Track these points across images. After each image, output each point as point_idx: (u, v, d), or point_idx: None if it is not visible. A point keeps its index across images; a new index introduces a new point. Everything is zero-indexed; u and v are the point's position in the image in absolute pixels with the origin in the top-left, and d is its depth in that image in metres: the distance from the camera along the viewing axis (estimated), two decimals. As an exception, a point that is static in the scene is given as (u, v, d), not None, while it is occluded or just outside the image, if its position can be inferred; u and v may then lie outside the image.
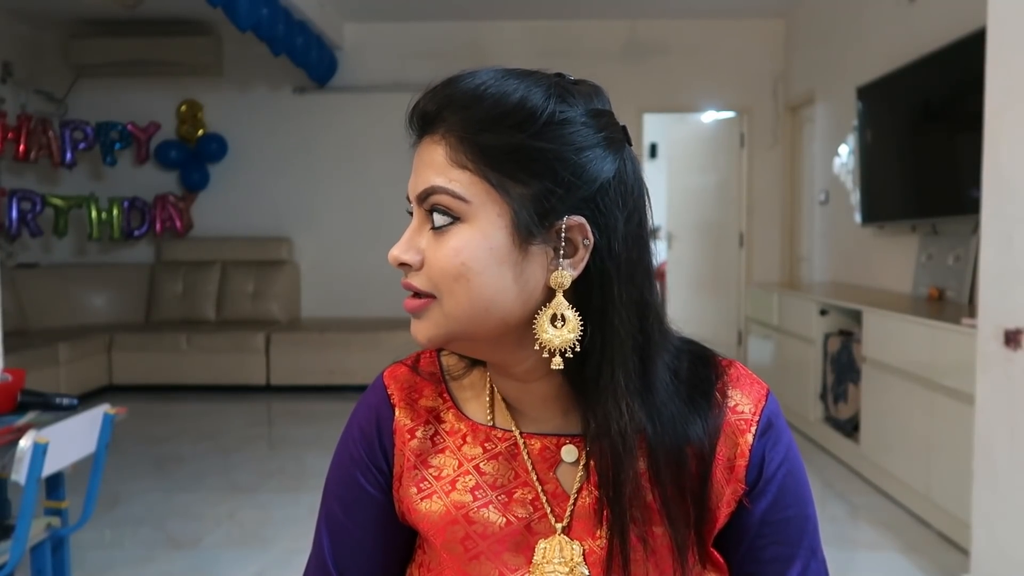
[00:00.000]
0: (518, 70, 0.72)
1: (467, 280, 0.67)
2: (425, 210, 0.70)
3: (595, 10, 6.21)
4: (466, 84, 0.70)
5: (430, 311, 0.69)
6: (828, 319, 4.31)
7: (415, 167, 0.72)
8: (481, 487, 0.74)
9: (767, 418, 0.75)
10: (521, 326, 0.69)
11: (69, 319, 6.24)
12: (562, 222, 0.67)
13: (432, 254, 0.69)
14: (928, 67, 3.95)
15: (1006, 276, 2.29)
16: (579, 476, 0.74)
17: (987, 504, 2.42)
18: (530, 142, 0.67)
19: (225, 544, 3.16)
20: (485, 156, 0.67)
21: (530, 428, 0.75)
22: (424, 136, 0.71)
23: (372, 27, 6.49)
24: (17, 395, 2.19)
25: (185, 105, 6.63)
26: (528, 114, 0.67)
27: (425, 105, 0.71)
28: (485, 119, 0.68)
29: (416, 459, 0.76)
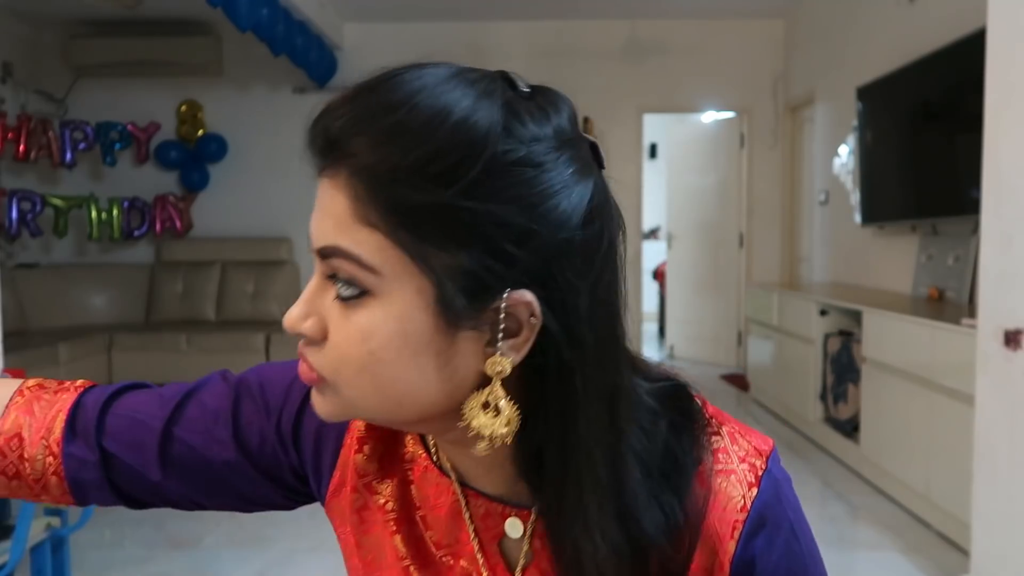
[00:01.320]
0: (459, 76, 0.53)
1: (374, 373, 0.53)
2: (327, 271, 0.54)
3: (595, 10, 6.21)
4: (384, 101, 0.52)
5: (325, 391, 0.56)
6: (828, 319, 4.31)
7: (316, 206, 0.54)
8: (426, 541, 0.64)
9: (758, 513, 0.59)
10: (449, 411, 0.55)
11: (69, 319, 6.24)
12: (502, 299, 0.51)
13: (335, 331, 0.53)
14: (928, 67, 3.95)
15: (1006, 276, 2.29)
16: (524, 553, 0.62)
17: (987, 504, 2.42)
18: (461, 202, 0.49)
19: (225, 544, 3.16)
20: (400, 215, 0.50)
21: (474, 484, 0.63)
22: (326, 168, 0.53)
23: (372, 27, 6.49)
24: (17, 395, 2.19)
25: (185, 105, 6.63)
26: (462, 159, 0.49)
27: (329, 124, 0.53)
28: (403, 164, 0.50)
29: (359, 479, 0.66)
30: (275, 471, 0.68)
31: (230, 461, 0.67)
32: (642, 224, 6.76)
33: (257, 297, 6.44)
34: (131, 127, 6.43)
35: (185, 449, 0.67)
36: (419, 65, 0.54)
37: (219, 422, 0.67)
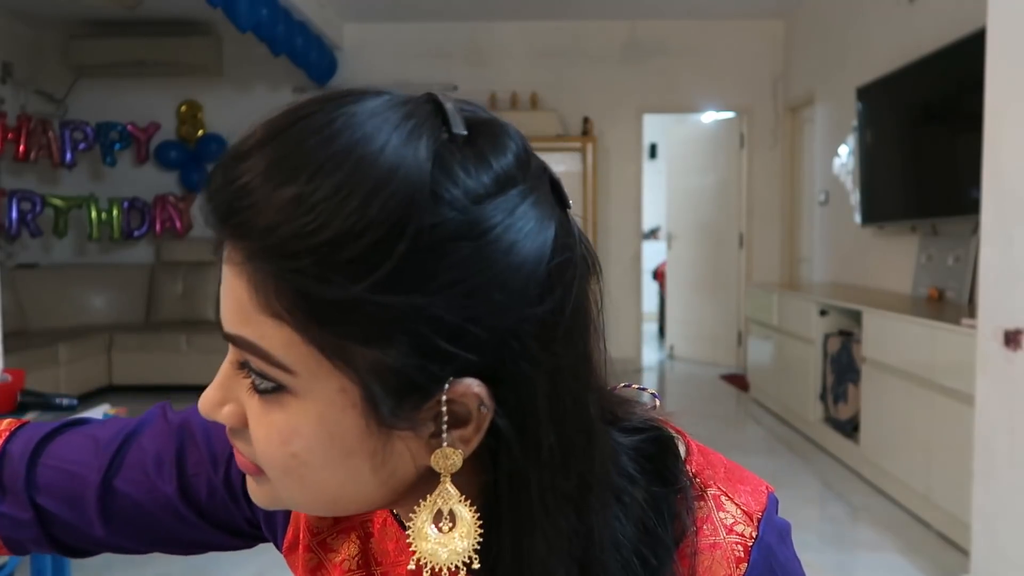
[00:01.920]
0: (380, 116, 0.42)
1: (300, 475, 0.46)
2: (238, 360, 0.47)
3: (595, 10, 6.21)
4: (290, 158, 0.41)
5: (263, 481, 0.49)
6: (828, 319, 4.31)
7: (222, 281, 0.46)
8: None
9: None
10: (394, 501, 0.49)
11: (69, 319, 6.24)
12: (442, 392, 0.43)
13: (255, 428, 0.46)
14: (928, 67, 3.95)
15: (1006, 276, 2.29)
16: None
17: (987, 504, 2.42)
18: (380, 297, 0.40)
19: (225, 544, 3.16)
20: (309, 310, 0.41)
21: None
22: (224, 242, 0.44)
23: (372, 27, 6.49)
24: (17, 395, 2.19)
25: (185, 105, 6.63)
26: (377, 242, 0.40)
27: (224, 186, 0.42)
28: (308, 248, 0.40)
29: (312, 538, 0.59)
30: (227, 521, 0.63)
31: (178, 513, 0.61)
32: (642, 224, 6.76)
33: (257, 297, 6.44)
34: (131, 127, 6.43)
35: (128, 503, 0.61)
36: (334, 100, 0.44)
37: (163, 472, 0.61)
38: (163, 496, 0.61)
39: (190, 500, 0.61)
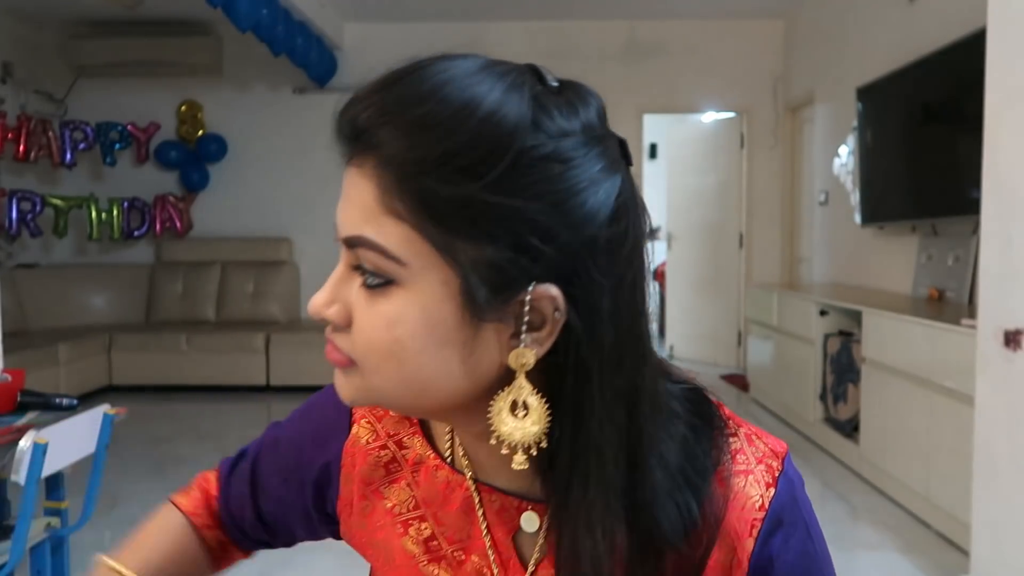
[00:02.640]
0: (488, 69, 0.53)
1: (399, 361, 0.53)
2: (352, 261, 0.56)
3: (595, 10, 6.21)
4: (413, 92, 0.51)
5: (352, 375, 0.56)
6: (828, 319, 4.31)
7: (343, 195, 0.56)
8: (436, 538, 0.65)
9: (775, 513, 0.59)
10: (471, 401, 0.55)
11: (69, 319, 6.24)
12: (527, 293, 0.51)
13: (361, 318, 0.54)
14: (928, 67, 3.95)
15: (1006, 276, 2.29)
16: (539, 547, 0.62)
17: (987, 504, 2.42)
18: (488, 196, 0.49)
19: (225, 544, 3.16)
20: (427, 208, 0.50)
21: (489, 480, 0.63)
22: (353, 157, 0.55)
23: (372, 27, 6.49)
24: (17, 395, 2.19)
25: (185, 105, 6.63)
26: (490, 152, 0.49)
27: (357, 114, 0.54)
28: (431, 156, 0.49)
29: (364, 487, 0.67)
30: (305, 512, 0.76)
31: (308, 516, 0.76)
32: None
33: (257, 297, 6.44)
34: (131, 127, 6.43)
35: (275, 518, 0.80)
36: (448, 56, 0.54)
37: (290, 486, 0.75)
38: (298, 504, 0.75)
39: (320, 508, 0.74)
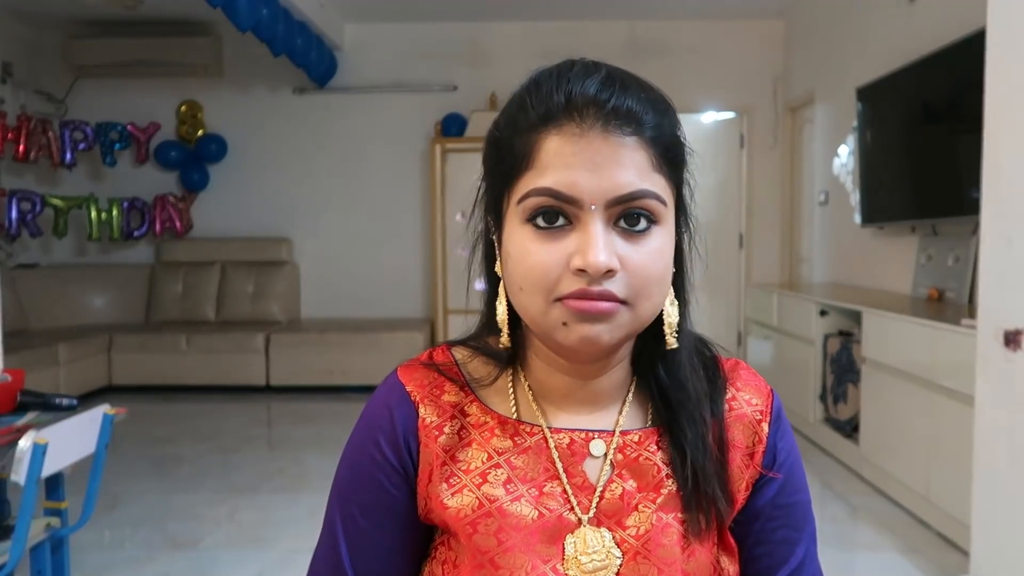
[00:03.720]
0: None
1: (664, 283, 0.71)
2: (615, 213, 0.68)
3: (595, 10, 6.21)
4: (644, 87, 0.72)
5: (619, 315, 0.68)
6: (828, 320, 4.31)
7: (591, 163, 0.67)
8: (513, 480, 0.74)
9: (777, 411, 0.81)
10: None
11: (69, 319, 6.24)
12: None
13: (634, 259, 0.68)
14: (928, 67, 3.95)
15: (1006, 277, 2.29)
16: (605, 469, 0.75)
17: (987, 504, 2.42)
18: (686, 143, 0.74)
19: (225, 545, 3.16)
20: (673, 163, 0.72)
21: (557, 424, 0.77)
22: (615, 132, 0.68)
23: (372, 27, 6.49)
24: (17, 395, 2.19)
25: (185, 105, 6.63)
26: (677, 115, 0.74)
27: (622, 102, 0.69)
28: (672, 126, 0.72)
29: (445, 455, 0.75)
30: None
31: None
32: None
33: (257, 297, 6.44)
34: (131, 127, 6.43)
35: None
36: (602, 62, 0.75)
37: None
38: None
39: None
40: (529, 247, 0.69)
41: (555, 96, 0.69)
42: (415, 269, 6.57)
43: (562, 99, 0.69)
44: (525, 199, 0.69)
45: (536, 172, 0.69)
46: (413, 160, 6.56)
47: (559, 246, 0.68)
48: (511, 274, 0.71)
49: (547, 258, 0.68)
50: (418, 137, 6.51)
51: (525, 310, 0.71)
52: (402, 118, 6.51)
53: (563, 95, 0.69)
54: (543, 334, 0.72)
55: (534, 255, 0.68)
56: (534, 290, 0.69)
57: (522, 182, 0.70)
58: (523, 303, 0.71)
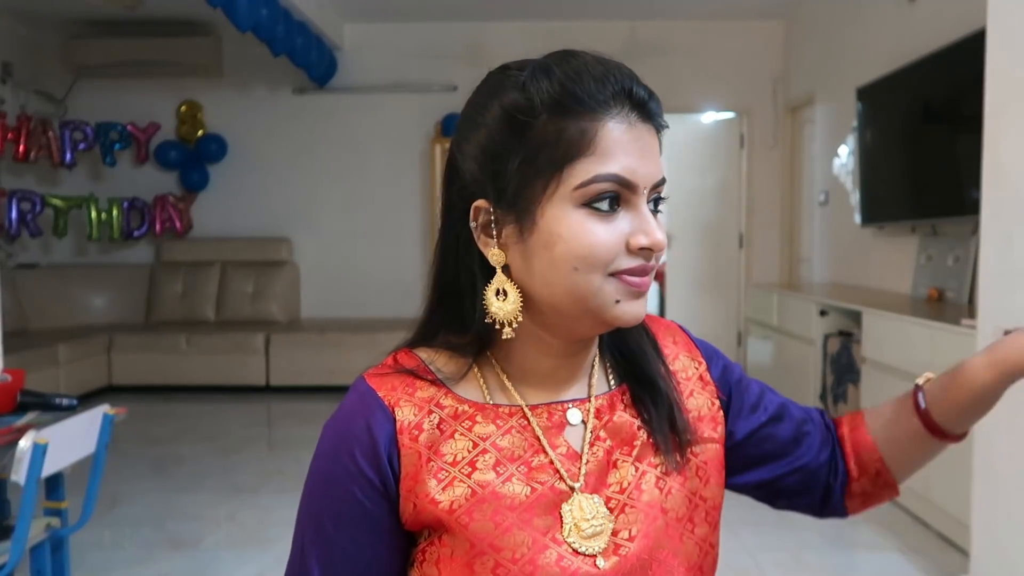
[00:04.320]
0: None
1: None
2: (648, 196, 0.74)
3: (595, 10, 6.22)
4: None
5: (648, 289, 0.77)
6: (828, 320, 4.31)
7: (641, 151, 0.73)
8: (501, 462, 0.76)
9: (688, 334, 0.91)
10: None
11: (69, 319, 6.24)
12: None
13: (661, 233, 0.75)
14: (928, 67, 3.95)
15: (1006, 277, 2.29)
16: (586, 436, 0.79)
17: (987, 504, 2.42)
18: None
19: (225, 545, 3.16)
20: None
21: (534, 400, 0.79)
22: (648, 124, 0.75)
23: (372, 27, 6.49)
24: (17, 395, 2.19)
25: (185, 105, 6.63)
26: None
27: (653, 98, 0.76)
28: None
29: (428, 451, 0.75)
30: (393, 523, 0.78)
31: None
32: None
33: (257, 297, 6.44)
34: (131, 127, 6.43)
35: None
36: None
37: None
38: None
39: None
40: (590, 228, 0.71)
41: (610, 86, 0.73)
42: (415, 269, 6.57)
43: (619, 89, 0.73)
44: (587, 184, 0.71)
45: (598, 158, 0.71)
46: (413, 160, 6.56)
47: (615, 227, 0.72)
48: (559, 256, 0.72)
49: (608, 237, 0.71)
50: (418, 137, 6.51)
51: (574, 290, 0.72)
52: (402, 118, 6.52)
53: (618, 86, 0.73)
54: (585, 312, 0.74)
55: (595, 235, 0.71)
56: (593, 268, 0.72)
57: (579, 167, 0.71)
58: (573, 283, 0.72)
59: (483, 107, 0.75)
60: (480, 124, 0.75)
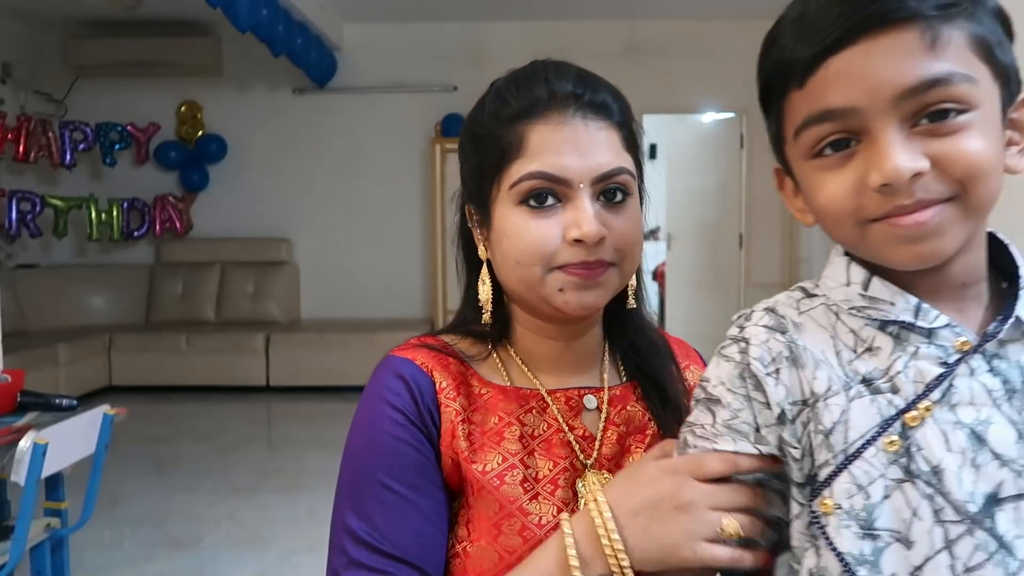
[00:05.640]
0: None
1: (641, 244, 0.81)
2: (598, 189, 0.77)
3: (595, 11, 6.21)
4: (606, 82, 0.82)
5: (609, 278, 0.79)
6: (828, 319, 4.30)
7: (575, 147, 0.76)
8: (525, 437, 0.80)
9: (700, 356, 0.95)
10: None
11: (69, 320, 6.24)
12: None
13: (618, 225, 0.77)
14: (928, 67, 3.95)
15: (1006, 276, 2.29)
16: (601, 418, 0.84)
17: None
18: (638, 130, 0.85)
19: (225, 544, 3.16)
20: (634, 145, 0.82)
21: (549, 385, 0.84)
22: (588, 120, 0.77)
23: (372, 27, 6.49)
24: (17, 396, 2.19)
25: (185, 106, 6.63)
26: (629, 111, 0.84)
27: (595, 95, 0.79)
28: (630, 115, 0.83)
29: (464, 414, 0.80)
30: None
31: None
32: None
33: (257, 297, 6.44)
34: (131, 128, 6.43)
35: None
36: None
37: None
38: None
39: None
40: (526, 223, 0.76)
41: (537, 91, 0.78)
42: (415, 269, 6.57)
43: (544, 93, 0.77)
44: (518, 183, 0.76)
45: (528, 158, 0.76)
46: (413, 160, 6.56)
47: (553, 222, 0.76)
48: (506, 251, 0.79)
49: (544, 232, 0.76)
50: (418, 137, 6.51)
51: (522, 281, 0.79)
52: (402, 118, 6.51)
53: (545, 90, 0.77)
54: (539, 301, 0.80)
55: (533, 230, 0.76)
56: (532, 261, 0.77)
57: (512, 169, 0.77)
58: (520, 275, 0.78)
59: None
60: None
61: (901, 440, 0.58)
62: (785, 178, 0.69)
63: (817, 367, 0.62)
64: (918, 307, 0.60)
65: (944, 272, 0.60)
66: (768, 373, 0.63)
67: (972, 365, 0.59)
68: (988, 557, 0.56)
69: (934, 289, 0.61)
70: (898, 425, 0.58)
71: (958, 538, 0.56)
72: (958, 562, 0.56)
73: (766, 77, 0.68)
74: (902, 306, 0.60)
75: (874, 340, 0.62)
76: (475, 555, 0.76)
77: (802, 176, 0.62)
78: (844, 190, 0.58)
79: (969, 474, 0.56)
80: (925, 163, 0.55)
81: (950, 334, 0.59)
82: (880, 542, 0.58)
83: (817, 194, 0.60)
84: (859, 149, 0.58)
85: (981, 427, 0.57)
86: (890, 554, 0.57)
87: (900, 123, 0.56)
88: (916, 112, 0.56)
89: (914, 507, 0.57)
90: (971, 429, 0.57)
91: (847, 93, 0.56)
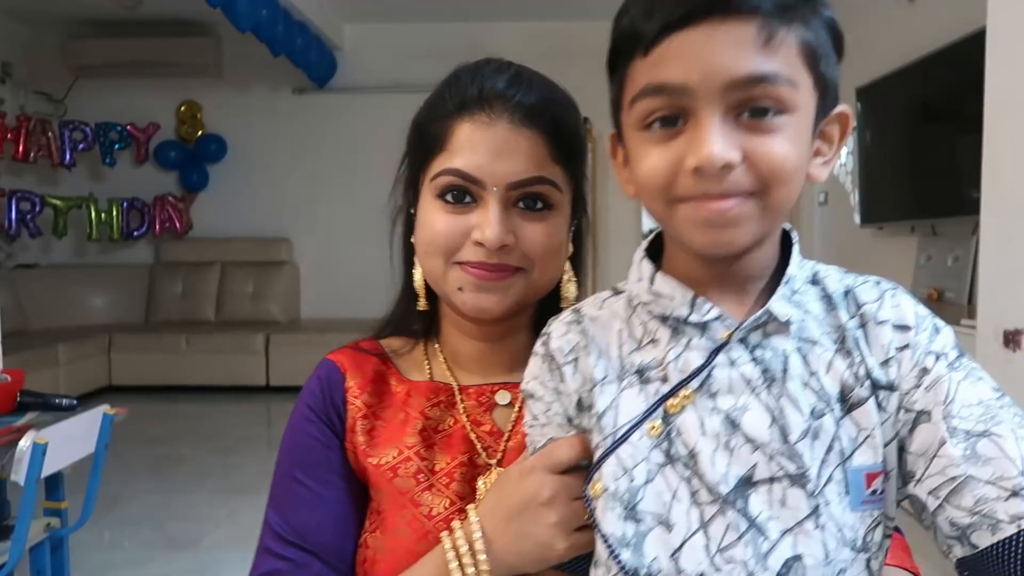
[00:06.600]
0: None
1: (558, 256, 0.81)
2: (514, 196, 0.77)
3: (595, 10, 6.20)
4: (549, 85, 0.81)
5: (513, 283, 0.79)
6: (828, 319, 4.30)
7: (495, 150, 0.76)
8: (427, 430, 0.82)
9: None
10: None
11: (69, 319, 6.24)
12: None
13: (528, 234, 0.78)
14: (928, 67, 3.95)
15: (1005, 277, 2.29)
16: (512, 416, 0.84)
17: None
18: (585, 139, 0.81)
19: (225, 545, 3.16)
20: (571, 156, 0.80)
21: (467, 381, 0.86)
22: (515, 124, 0.77)
23: (372, 28, 6.49)
24: (16, 395, 2.19)
25: (184, 106, 6.63)
26: (579, 115, 0.83)
27: (527, 98, 0.77)
28: (572, 124, 0.81)
29: (367, 410, 0.83)
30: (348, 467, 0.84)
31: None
32: (642, 225, 6.76)
33: (257, 297, 6.44)
34: (131, 127, 6.43)
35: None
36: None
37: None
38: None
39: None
40: (437, 216, 0.79)
41: (469, 88, 0.78)
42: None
43: (475, 91, 0.77)
44: (437, 177, 0.78)
45: (448, 154, 0.78)
46: (413, 160, 6.56)
47: (463, 219, 0.77)
48: (419, 240, 0.82)
49: (451, 227, 0.78)
50: (418, 137, 6.51)
51: (429, 273, 0.82)
52: (402, 118, 6.32)
53: (476, 88, 0.78)
54: (443, 296, 0.82)
55: (440, 223, 0.78)
56: (436, 253, 0.79)
57: (436, 162, 0.79)
58: (427, 266, 0.82)
59: None
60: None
61: (663, 425, 0.61)
62: (618, 147, 0.70)
63: (599, 356, 0.65)
64: (693, 301, 0.62)
65: (735, 265, 0.63)
66: (566, 363, 0.66)
67: (732, 356, 0.61)
68: (738, 536, 0.58)
69: (721, 281, 0.63)
70: (661, 411, 0.61)
71: (711, 518, 0.58)
72: (712, 542, 0.58)
73: (615, 43, 0.69)
74: (680, 300, 0.63)
75: (656, 332, 0.64)
76: (374, 545, 0.79)
77: (630, 145, 0.64)
78: (663, 165, 0.60)
79: (723, 457, 0.59)
80: (737, 156, 0.57)
81: (720, 326, 0.62)
82: (643, 526, 0.60)
83: (640, 164, 0.62)
84: (684, 129, 0.59)
85: (736, 413, 0.60)
86: (652, 538, 0.59)
87: (725, 112, 0.57)
88: (740, 104, 0.57)
89: (674, 489, 0.60)
90: (726, 415, 0.60)
91: (683, 71, 0.58)
